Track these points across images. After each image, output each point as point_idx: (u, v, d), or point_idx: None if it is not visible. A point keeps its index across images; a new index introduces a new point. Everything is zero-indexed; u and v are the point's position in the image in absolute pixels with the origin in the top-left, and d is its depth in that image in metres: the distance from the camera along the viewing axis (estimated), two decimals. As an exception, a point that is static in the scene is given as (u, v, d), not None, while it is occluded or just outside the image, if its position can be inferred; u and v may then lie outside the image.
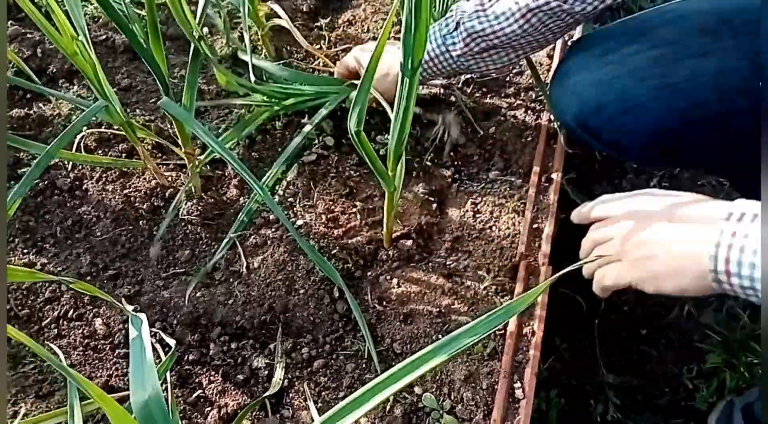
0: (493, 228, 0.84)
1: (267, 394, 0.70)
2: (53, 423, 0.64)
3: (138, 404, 0.49)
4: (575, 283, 0.96)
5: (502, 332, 0.72)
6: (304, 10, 1.18)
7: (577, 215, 0.66)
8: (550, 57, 1.06)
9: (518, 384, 0.67)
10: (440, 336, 0.73)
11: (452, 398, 0.68)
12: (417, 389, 0.69)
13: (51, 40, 0.73)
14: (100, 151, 0.95)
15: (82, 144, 0.94)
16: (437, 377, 0.70)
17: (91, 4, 1.16)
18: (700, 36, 0.79)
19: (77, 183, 0.92)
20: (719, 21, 0.80)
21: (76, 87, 1.07)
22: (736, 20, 0.79)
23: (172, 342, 0.68)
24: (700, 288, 0.52)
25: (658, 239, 0.56)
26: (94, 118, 0.97)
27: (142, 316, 0.58)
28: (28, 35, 1.15)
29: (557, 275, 0.48)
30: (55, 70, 1.09)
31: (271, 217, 0.87)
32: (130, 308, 0.68)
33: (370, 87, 0.58)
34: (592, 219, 0.64)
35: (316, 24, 1.14)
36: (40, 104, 1.04)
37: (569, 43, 1.04)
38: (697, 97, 0.77)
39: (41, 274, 0.58)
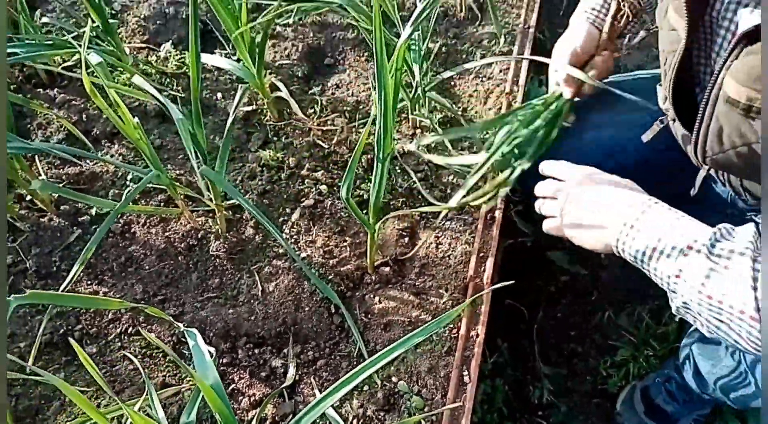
0: (451, 256, 1.10)
1: (283, 386, 0.95)
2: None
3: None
4: (520, 296, 1.22)
5: (456, 335, 0.98)
6: (299, 75, 1.45)
7: (541, 169, 0.90)
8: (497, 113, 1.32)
9: (466, 373, 0.92)
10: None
11: (419, 384, 0.94)
12: (394, 379, 0.95)
13: (119, 129, 0.97)
14: (143, 201, 1.20)
15: (128, 196, 1.19)
16: (408, 370, 0.95)
17: (122, 74, 1.41)
18: (599, 112, 1.06)
19: (126, 227, 1.17)
20: (613, 101, 1.07)
21: (117, 146, 1.32)
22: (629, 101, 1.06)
23: (211, 350, 0.93)
24: (607, 251, 0.78)
25: (588, 212, 0.80)
26: (136, 174, 1.22)
27: (195, 331, 0.83)
28: (74, 102, 1.40)
29: (479, 293, 0.74)
30: (98, 132, 1.34)
31: (281, 251, 1.13)
32: (181, 326, 0.93)
33: (355, 167, 0.84)
34: (548, 175, 0.88)
35: (310, 90, 1.40)
36: (89, 163, 1.29)
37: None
38: (598, 158, 1.04)
39: (125, 302, 0.83)
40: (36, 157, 1.26)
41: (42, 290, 1.10)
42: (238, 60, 1.31)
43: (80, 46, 1.24)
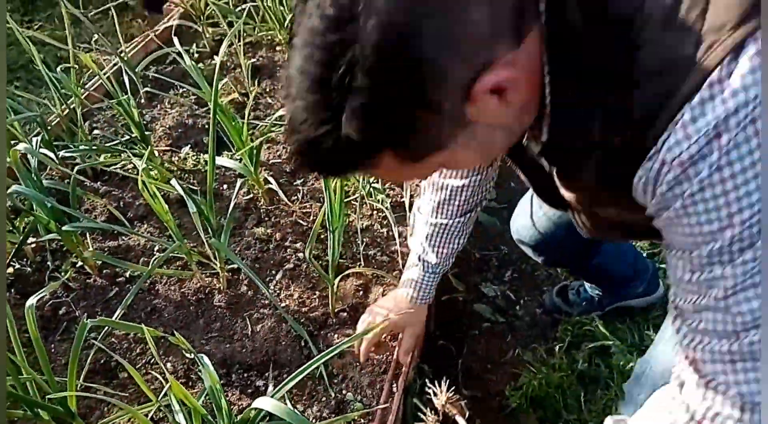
0: (392, 305, 1.47)
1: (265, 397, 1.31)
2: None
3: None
4: (450, 338, 1.59)
5: (391, 360, 1.34)
6: (287, 171, 1.89)
7: None
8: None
9: (395, 385, 1.28)
10: (358, 362, 1.35)
11: (361, 394, 1.29)
12: (344, 391, 1.30)
13: (152, 212, 1.38)
14: (165, 266, 1.60)
15: (154, 262, 1.59)
16: (354, 385, 1.31)
17: (152, 170, 1.85)
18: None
19: (152, 286, 1.56)
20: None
21: (145, 225, 1.73)
22: None
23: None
24: None
25: None
26: (162, 245, 1.63)
27: (203, 355, 1.20)
28: (113, 192, 1.83)
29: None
30: (131, 215, 1.76)
31: (266, 302, 1.51)
32: (192, 355, 1.30)
33: (316, 234, 1.24)
34: None
35: (295, 182, 1.83)
36: (124, 238, 1.70)
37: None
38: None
39: (157, 331, 1.21)
40: (87, 234, 1.67)
41: (89, 334, 1.47)
42: (240, 160, 1.75)
43: (122, 152, 1.68)
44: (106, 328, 1.40)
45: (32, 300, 1.09)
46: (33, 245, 1.65)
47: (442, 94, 0.58)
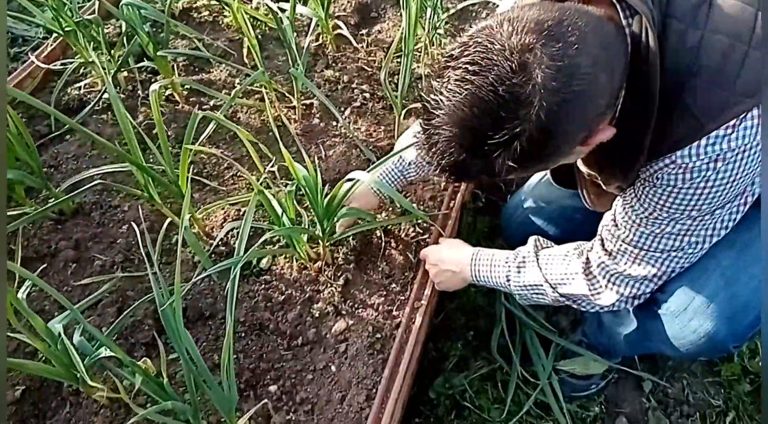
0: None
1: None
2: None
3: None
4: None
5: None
6: (352, 23, 2.00)
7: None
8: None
9: (453, 201, 1.46)
10: (421, 181, 1.53)
11: (424, 205, 1.48)
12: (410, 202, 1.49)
13: (248, 40, 1.53)
14: (245, 98, 1.76)
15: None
16: (418, 199, 1.49)
17: (228, 17, 1.97)
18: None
19: (233, 114, 1.73)
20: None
21: (224, 64, 1.88)
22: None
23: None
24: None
25: (445, 275, 1.29)
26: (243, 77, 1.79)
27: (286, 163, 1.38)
28: (192, 33, 1.97)
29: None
30: (212, 53, 1.90)
31: (336, 132, 1.67)
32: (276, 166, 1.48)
33: (389, 59, 1.38)
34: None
35: (360, 32, 1.95)
36: (204, 74, 1.86)
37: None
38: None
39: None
40: (175, 66, 1.83)
41: (173, 148, 1.67)
42: (313, 9, 1.86)
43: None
44: (201, 139, 1.57)
45: (155, 86, 1.27)
46: (125, 74, 1.82)
47: (564, 151, 0.82)
